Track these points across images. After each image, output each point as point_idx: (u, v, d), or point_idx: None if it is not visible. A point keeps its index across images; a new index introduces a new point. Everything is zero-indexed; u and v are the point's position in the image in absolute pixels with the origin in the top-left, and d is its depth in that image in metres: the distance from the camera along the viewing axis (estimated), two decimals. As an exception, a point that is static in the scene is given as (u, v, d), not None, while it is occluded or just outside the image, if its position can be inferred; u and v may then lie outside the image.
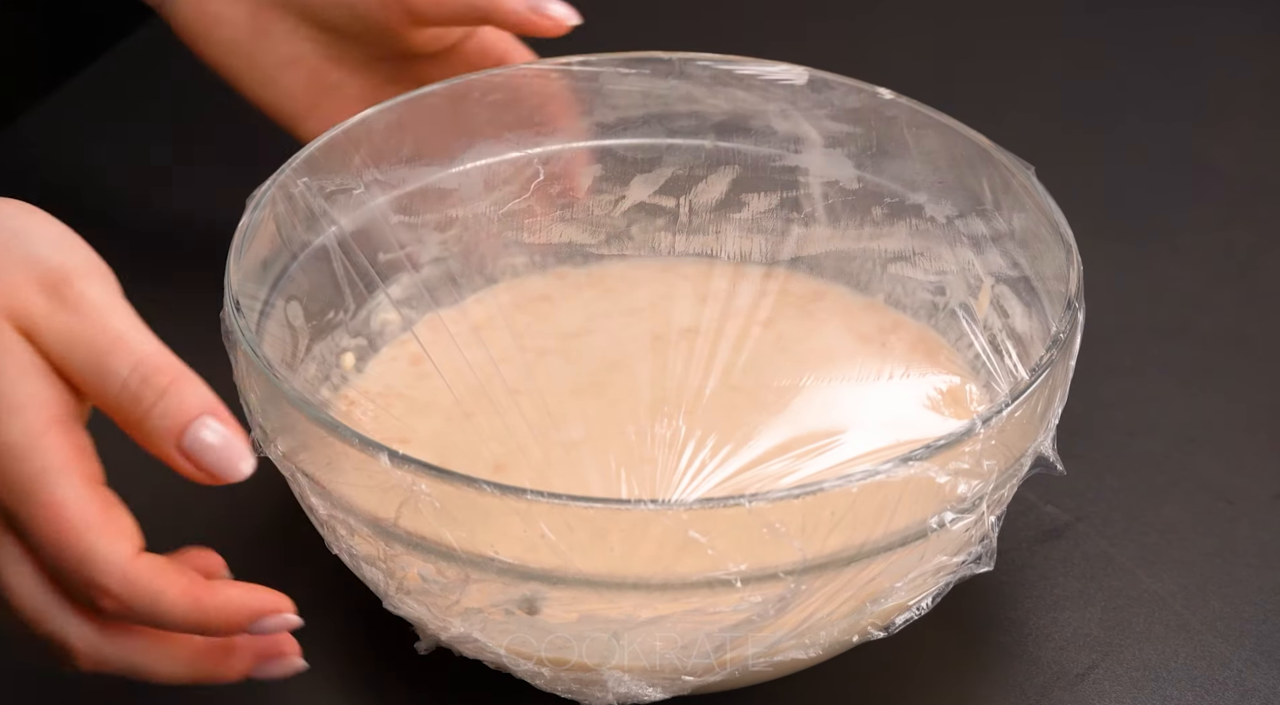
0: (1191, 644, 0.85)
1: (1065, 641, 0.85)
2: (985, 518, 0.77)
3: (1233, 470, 0.93)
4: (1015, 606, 0.86)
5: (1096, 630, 0.86)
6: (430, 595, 0.77)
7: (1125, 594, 0.87)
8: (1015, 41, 1.24)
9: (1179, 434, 0.95)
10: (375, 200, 0.91)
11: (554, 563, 0.74)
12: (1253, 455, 0.94)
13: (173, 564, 0.72)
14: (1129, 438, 0.95)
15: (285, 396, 0.77)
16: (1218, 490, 0.92)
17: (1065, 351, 0.79)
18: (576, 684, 0.78)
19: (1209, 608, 0.87)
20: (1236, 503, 0.91)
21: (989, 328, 0.89)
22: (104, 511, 0.71)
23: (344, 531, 0.78)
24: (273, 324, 0.86)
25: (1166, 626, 0.86)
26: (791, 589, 0.74)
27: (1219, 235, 1.02)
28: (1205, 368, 0.99)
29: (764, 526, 0.73)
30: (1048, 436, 0.79)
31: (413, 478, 0.73)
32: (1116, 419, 0.95)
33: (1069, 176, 0.88)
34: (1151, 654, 0.85)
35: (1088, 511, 0.91)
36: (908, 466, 0.74)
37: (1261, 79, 1.19)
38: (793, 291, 0.94)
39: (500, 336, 0.93)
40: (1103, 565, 0.88)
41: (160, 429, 0.71)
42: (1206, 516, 0.91)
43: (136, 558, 0.71)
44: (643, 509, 0.73)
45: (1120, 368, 0.86)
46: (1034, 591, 0.87)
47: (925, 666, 0.84)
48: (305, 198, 0.88)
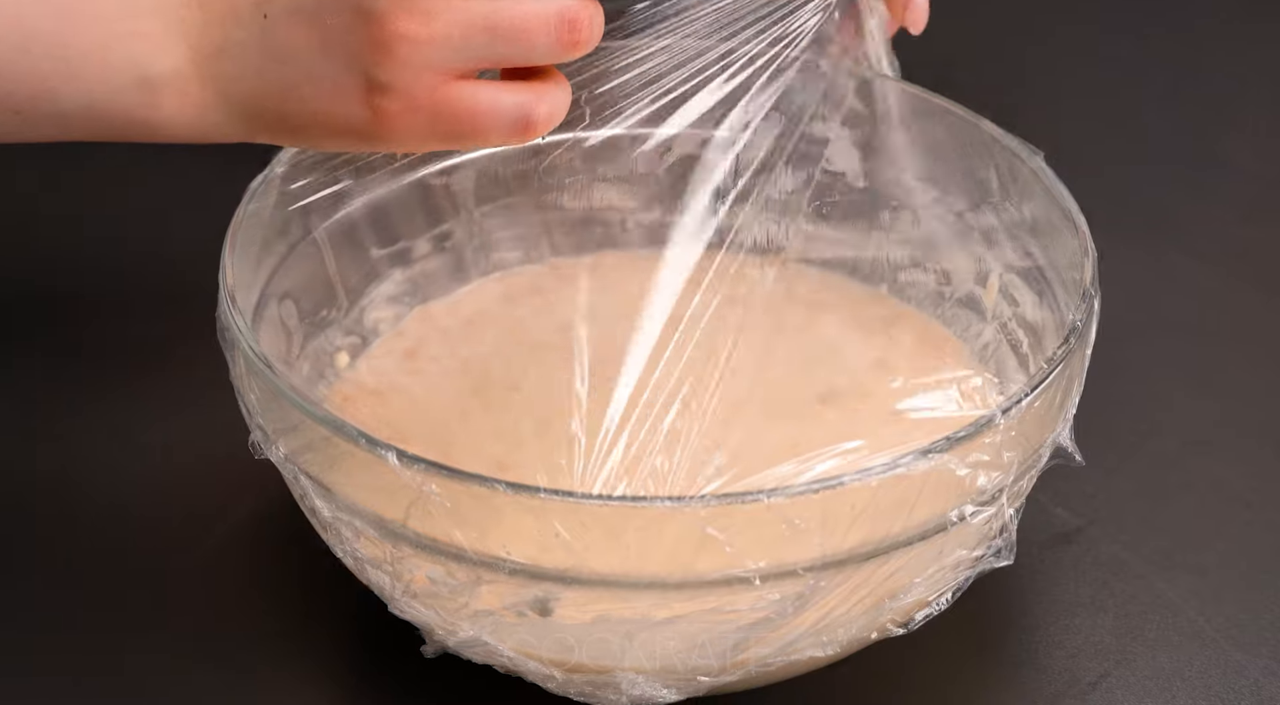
0: (1206, 651, 0.84)
1: (1077, 649, 0.84)
2: (1005, 510, 0.76)
3: (1249, 472, 0.91)
4: (1026, 612, 0.85)
5: (1109, 637, 0.84)
6: (439, 598, 0.75)
7: (1138, 600, 0.86)
8: (1024, 36, 1.23)
9: (1193, 435, 0.93)
10: (367, 194, 0.89)
11: (568, 562, 0.72)
12: (1270, 456, 0.93)
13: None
14: (1142, 439, 0.93)
15: (287, 396, 0.75)
16: (1234, 493, 0.90)
17: (1082, 340, 0.78)
18: (590, 686, 0.76)
19: (1225, 614, 0.85)
20: (1254, 505, 0.90)
21: (998, 317, 0.88)
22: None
23: (349, 534, 0.76)
24: (267, 323, 0.85)
25: (1181, 633, 0.84)
26: (811, 586, 0.73)
27: (1234, 233, 1.01)
28: (1219, 367, 0.97)
29: (783, 522, 0.71)
30: (1066, 427, 0.78)
31: (422, 478, 0.72)
32: (1129, 419, 0.93)
33: (1081, 173, 0.87)
34: (1165, 662, 0.83)
35: (1100, 515, 0.89)
36: (928, 459, 0.73)
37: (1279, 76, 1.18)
38: (794, 281, 0.92)
39: (495, 330, 0.91)
40: (1115, 570, 0.87)
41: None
42: (1222, 520, 0.89)
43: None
44: (660, 506, 0.71)
45: (1132, 367, 0.85)
46: (1045, 597, 0.86)
47: (935, 674, 0.83)
48: (297, 192, 0.86)
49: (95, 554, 0.87)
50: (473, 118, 0.74)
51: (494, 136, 0.75)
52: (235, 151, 0.85)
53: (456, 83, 0.73)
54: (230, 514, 0.88)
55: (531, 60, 0.74)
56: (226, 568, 0.86)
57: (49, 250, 1.03)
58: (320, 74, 0.74)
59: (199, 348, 0.83)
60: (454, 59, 0.73)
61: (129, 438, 0.91)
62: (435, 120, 0.74)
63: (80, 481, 0.90)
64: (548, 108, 0.75)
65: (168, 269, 1.00)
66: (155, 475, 0.88)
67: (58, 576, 0.86)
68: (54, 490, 0.89)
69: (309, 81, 0.74)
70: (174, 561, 0.86)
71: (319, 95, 0.74)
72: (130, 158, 1.04)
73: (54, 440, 0.92)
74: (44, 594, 0.85)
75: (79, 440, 0.91)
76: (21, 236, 1.04)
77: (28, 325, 0.98)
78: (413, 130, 0.74)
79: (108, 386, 0.94)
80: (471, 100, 0.74)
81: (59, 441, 0.91)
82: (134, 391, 0.94)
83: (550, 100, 0.75)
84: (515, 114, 0.74)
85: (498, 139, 0.75)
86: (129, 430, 0.92)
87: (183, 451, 0.91)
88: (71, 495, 0.89)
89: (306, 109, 0.75)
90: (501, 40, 0.73)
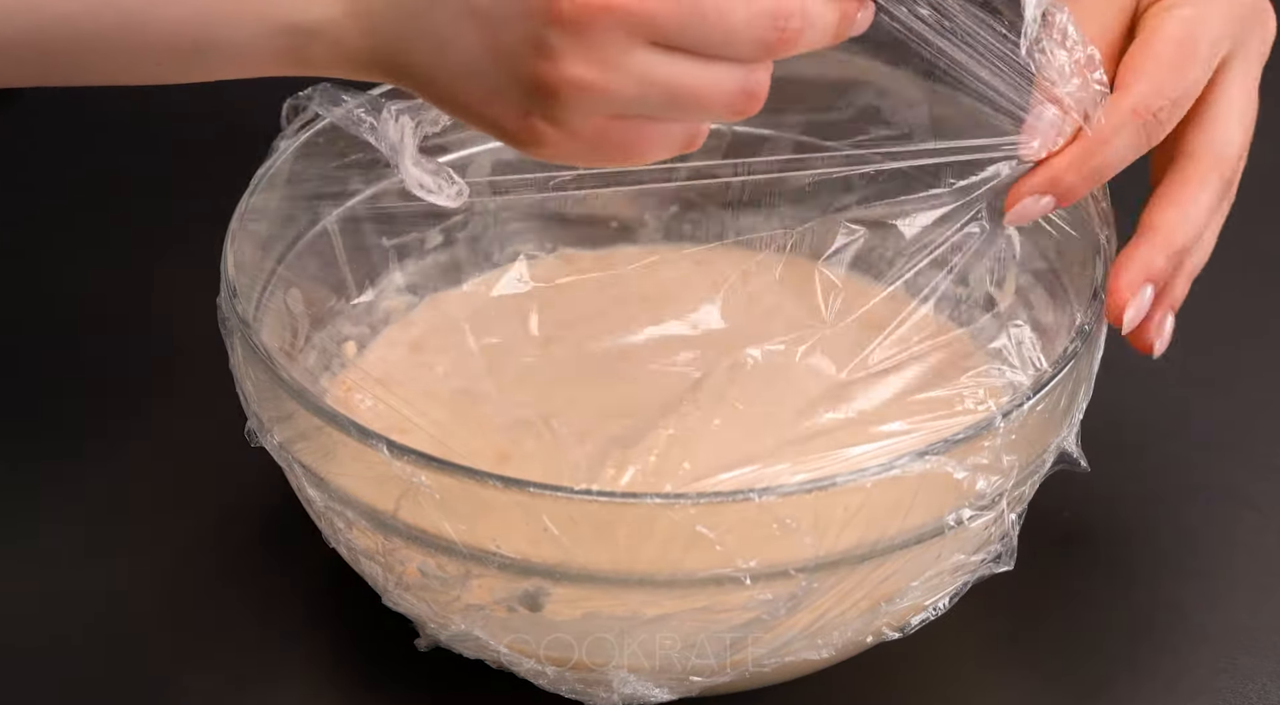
0: (1214, 656, 0.82)
1: (1083, 653, 0.82)
2: (1005, 515, 0.75)
3: (1258, 475, 0.90)
4: (1030, 616, 0.84)
5: (1115, 642, 0.83)
6: (430, 591, 0.74)
7: (1144, 603, 0.85)
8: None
9: (1202, 438, 0.92)
10: (379, 182, 0.89)
11: (558, 557, 0.72)
12: (1279, 460, 0.91)
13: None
14: (1150, 441, 0.92)
15: (282, 384, 0.75)
16: (1243, 497, 0.89)
17: (1090, 343, 0.77)
18: (581, 684, 0.76)
19: (1233, 619, 0.84)
20: (1263, 509, 0.89)
21: (1013, 319, 0.86)
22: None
23: (342, 524, 0.76)
24: (272, 311, 0.84)
25: (1188, 638, 0.83)
26: (803, 587, 0.72)
27: (1244, 232, 1.00)
28: (1230, 369, 0.96)
29: (774, 522, 0.71)
30: (1071, 432, 0.77)
31: (412, 469, 0.71)
32: (1137, 422, 0.92)
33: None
34: (1172, 667, 0.82)
35: (1106, 518, 0.88)
36: (924, 461, 0.72)
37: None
38: (806, 279, 0.91)
39: (504, 323, 0.91)
40: (1122, 574, 0.86)
41: None
42: (1230, 524, 0.88)
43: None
44: (649, 503, 0.70)
45: (1140, 368, 0.84)
46: (1050, 601, 0.84)
47: (935, 678, 0.82)
48: (307, 179, 0.86)
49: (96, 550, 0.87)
50: (640, 146, 0.71)
51: (654, 159, 0.72)
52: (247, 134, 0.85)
53: (626, 119, 0.70)
54: (225, 506, 0.88)
55: (699, 122, 0.72)
56: (234, 564, 0.86)
57: (49, 244, 1.03)
58: (481, 73, 0.70)
59: (202, 340, 0.82)
60: (624, 109, 0.70)
61: (130, 429, 0.91)
62: (595, 149, 0.71)
63: (81, 476, 0.90)
64: (709, 125, 0.73)
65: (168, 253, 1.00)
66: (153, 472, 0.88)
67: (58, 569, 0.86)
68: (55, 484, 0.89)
69: (467, 76, 0.70)
70: (169, 555, 0.86)
71: (473, 91, 0.71)
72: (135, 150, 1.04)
73: (55, 432, 0.92)
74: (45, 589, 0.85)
75: (82, 434, 0.91)
76: (22, 231, 1.04)
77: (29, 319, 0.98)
78: (568, 154, 0.71)
79: (110, 380, 0.95)
80: (637, 134, 0.71)
81: (59, 432, 0.92)
82: (139, 387, 0.94)
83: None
84: (683, 140, 0.72)
85: (659, 159, 0.73)
86: (131, 422, 0.92)
87: (182, 442, 0.91)
88: (71, 492, 0.89)
89: (457, 98, 0.71)
90: (677, 105, 0.70)
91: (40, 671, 0.82)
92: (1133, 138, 0.77)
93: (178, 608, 0.85)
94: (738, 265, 0.92)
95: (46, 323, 0.98)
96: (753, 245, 0.93)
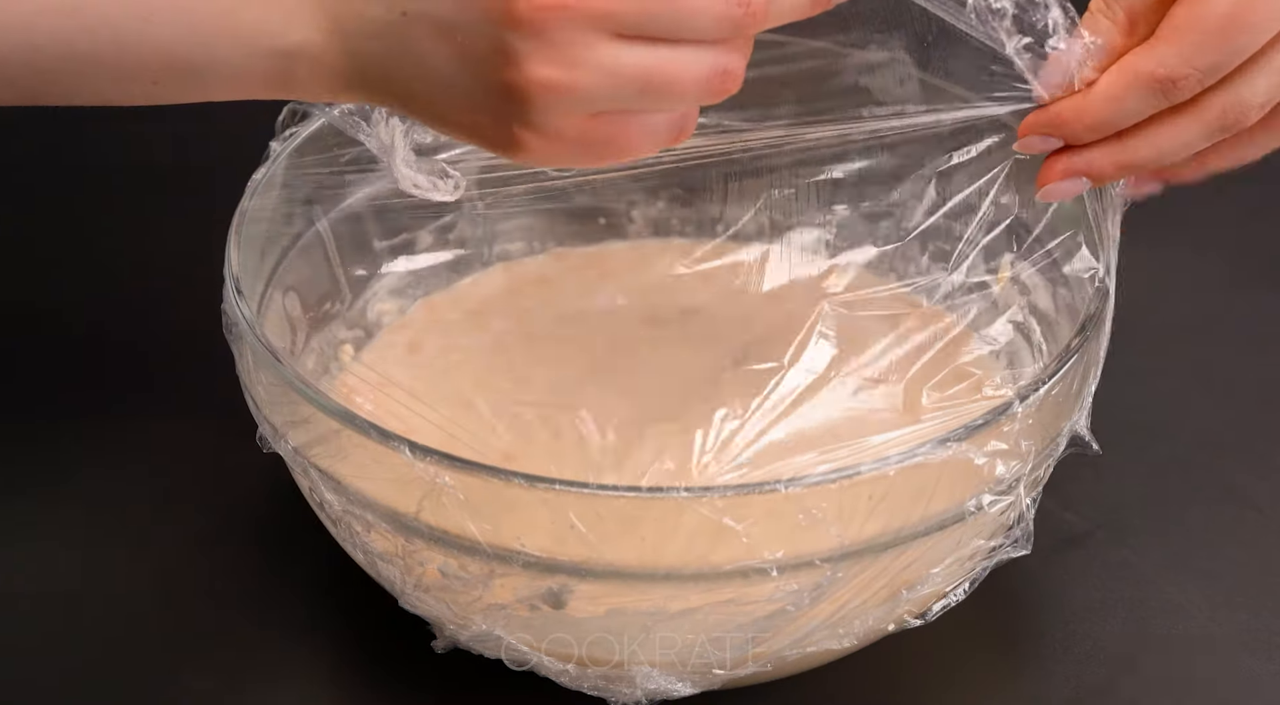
0: (1217, 658, 0.82)
1: (1084, 655, 0.83)
2: (1022, 499, 0.75)
3: (1261, 475, 0.90)
4: (1032, 618, 0.84)
5: (1117, 643, 0.83)
6: (451, 591, 0.74)
7: (1147, 605, 0.85)
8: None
9: (1204, 437, 0.92)
10: (370, 185, 0.89)
11: (583, 554, 0.71)
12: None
13: None
14: (1152, 441, 0.92)
15: (297, 388, 0.74)
16: (1245, 497, 0.89)
17: (1098, 327, 0.77)
18: (603, 680, 0.75)
19: (1236, 620, 0.84)
20: (1265, 510, 0.89)
21: (1009, 305, 0.87)
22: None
23: (360, 528, 0.75)
24: (271, 317, 0.84)
25: (1191, 640, 0.83)
26: (828, 576, 0.72)
27: (1247, 231, 1.00)
28: (1232, 368, 0.96)
29: (800, 512, 0.71)
30: (1083, 415, 0.77)
31: (436, 470, 0.71)
32: (1138, 421, 0.92)
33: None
34: (1175, 668, 0.82)
35: (1108, 518, 0.88)
36: (945, 448, 0.72)
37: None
38: (799, 270, 0.91)
39: (499, 321, 0.90)
40: (1124, 575, 0.86)
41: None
42: (1233, 524, 0.88)
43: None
44: (676, 497, 0.70)
45: (1142, 368, 0.83)
46: (1052, 602, 0.84)
47: (942, 680, 0.82)
48: (300, 184, 0.85)
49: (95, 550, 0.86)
50: (625, 141, 0.71)
51: (643, 153, 0.72)
52: (239, 138, 0.85)
53: (605, 115, 0.70)
54: (237, 510, 0.87)
55: (676, 109, 0.71)
56: (234, 564, 0.85)
57: (50, 245, 1.02)
58: (457, 85, 0.70)
59: (202, 343, 0.82)
60: (601, 105, 0.69)
61: (133, 435, 0.90)
62: (581, 149, 0.71)
63: (81, 477, 0.89)
64: (696, 112, 0.72)
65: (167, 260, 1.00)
66: (158, 473, 0.87)
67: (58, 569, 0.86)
68: (55, 485, 0.89)
69: (445, 89, 0.70)
70: (181, 559, 0.86)
71: (452, 104, 0.70)
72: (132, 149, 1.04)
73: (54, 433, 0.91)
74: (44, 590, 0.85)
75: (81, 435, 0.91)
76: (22, 231, 1.03)
77: (29, 319, 0.97)
78: (554, 157, 0.71)
79: (111, 382, 0.94)
80: (620, 129, 0.70)
81: (58, 432, 0.91)
82: (138, 388, 0.94)
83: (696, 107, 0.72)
84: (669, 130, 0.71)
85: (647, 154, 0.72)
86: (133, 427, 0.91)
87: (182, 443, 0.90)
88: (71, 493, 0.88)
89: (437, 111, 0.71)
90: (652, 93, 0.69)
91: (40, 671, 0.82)
92: (1143, 101, 0.74)
93: (177, 608, 0.84)
94: (729, 255, 0.92)
95: (46, 323, 0.97)
96: (744, 238, 0.93)
